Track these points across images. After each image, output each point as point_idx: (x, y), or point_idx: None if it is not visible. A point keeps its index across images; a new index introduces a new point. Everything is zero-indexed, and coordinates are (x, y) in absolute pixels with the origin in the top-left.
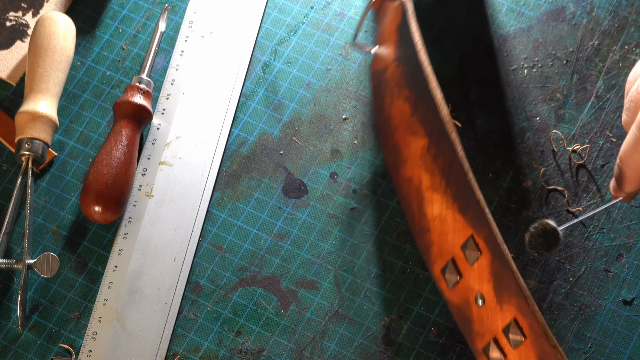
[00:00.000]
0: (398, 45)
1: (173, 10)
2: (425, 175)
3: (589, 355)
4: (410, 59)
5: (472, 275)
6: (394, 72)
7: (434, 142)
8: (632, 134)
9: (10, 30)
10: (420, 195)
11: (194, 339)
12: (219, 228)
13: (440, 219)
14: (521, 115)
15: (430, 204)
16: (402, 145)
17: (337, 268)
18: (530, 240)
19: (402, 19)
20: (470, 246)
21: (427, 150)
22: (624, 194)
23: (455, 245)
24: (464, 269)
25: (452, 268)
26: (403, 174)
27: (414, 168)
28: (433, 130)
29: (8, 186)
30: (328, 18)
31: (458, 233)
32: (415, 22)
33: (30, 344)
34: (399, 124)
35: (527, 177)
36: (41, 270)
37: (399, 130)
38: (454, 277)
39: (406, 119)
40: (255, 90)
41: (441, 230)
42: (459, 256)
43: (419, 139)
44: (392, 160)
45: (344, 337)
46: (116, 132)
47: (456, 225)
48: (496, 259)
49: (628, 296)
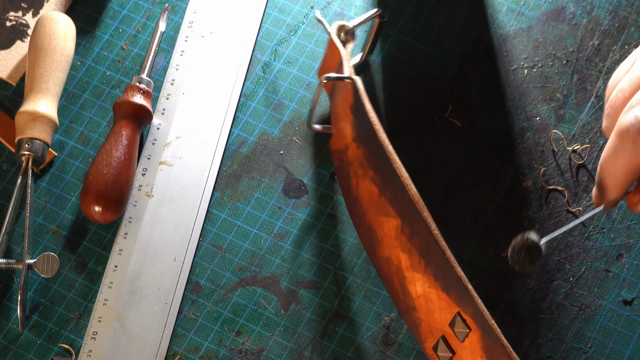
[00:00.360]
0: (355, 125)
1: (173, 10)
2: (403, 255)
3: (589, 355)
4: (370, 139)
5: (465, 352)
6: (356, 153)
7: (406, 222)
8: (612, 141)
9: (10, 30)
10: (401, 275)
11: (194, 339)
12: (219, 228)
13: (424, 297)
14: (521, 115)
15: (413, 283)
16: (375, 226)
17: (337, 268)
18: (512, 255)
19: (354, 99)
20: (459, 324)
21: (402, 230)
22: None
23: (444, 323)
24: (455, 346)
25: (443, 346)
26: (380, 254)
27: (390, 248)
28: (404, 211)
29: (8, 186)
30: (328, 18)
31: (444, 311)
32: (368, 101)
33: (30, 344)
34: (368, 205)
35: (527, 177)
36: (41, 270)
37: (370, 211)
38: (447, 355)
39: (375, 199)
40: (256, 90)
41: (427, 308)
42: (449, 334)
43: (391, 220)
44: (367, 241)
45: (344, 337)
46: (116, 132)
47: (441, 304)
48: (486, 334)
49: (628, 296)
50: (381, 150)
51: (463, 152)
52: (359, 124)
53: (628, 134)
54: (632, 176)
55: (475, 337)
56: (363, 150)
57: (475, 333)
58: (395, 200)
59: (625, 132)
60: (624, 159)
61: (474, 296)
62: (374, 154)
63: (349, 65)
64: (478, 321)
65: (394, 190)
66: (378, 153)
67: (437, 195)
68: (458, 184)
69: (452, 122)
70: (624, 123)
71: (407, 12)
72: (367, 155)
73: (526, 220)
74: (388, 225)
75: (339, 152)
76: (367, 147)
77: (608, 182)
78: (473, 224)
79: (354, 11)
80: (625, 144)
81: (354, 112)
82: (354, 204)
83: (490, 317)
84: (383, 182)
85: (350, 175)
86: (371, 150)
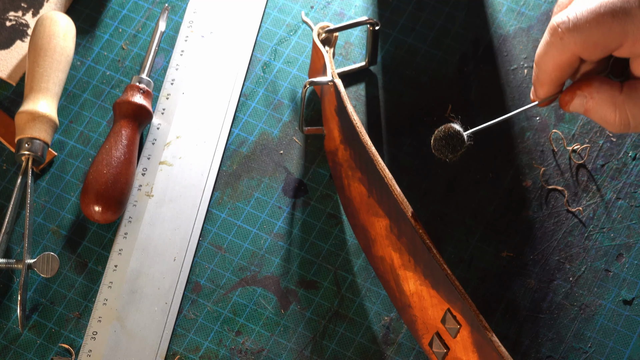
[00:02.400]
0: (341, 127)
1: (173, 10)
2: (395, 254)
3: (589, 355)
4: (355, 141)
5: (458, 347)
6: (344, 154)
7: (394, 222)
8: (544, 38)
9: (10, 30)
10: (395, 273)
11: (194, 339)
12: (219, 228)
13: (417, 295)
14: (521, 115)
15: (406, 281)
16: (368, 226)
17: (337, 268)
18: (435, 144)
19: (337, 101)
20: (449, 320)
21: (391, 229)
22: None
23: (436, 320)
24: (449, 341)
25: (437, 342)
26: (375, 253)
27: (383, 247)
28: (391, 211)
29: (8, 186)
30: (328, 18)
31: (436, 307)
32: (349, 103)
33: (30, 344)
34: (360, 206)
35: (527, 177)
36: (41, 270)
37: (362, 211)
38: (442, 351)
39: (365, 200)
40: (255, 90)
41: (421, 305)
42: (441, 330)
43: (380, 220)
44: (362, 240)
45: (344, 337)
46: (116, 131)
47: (432, 301)
48: (475, 330)
49: (628, 296)
50: (365, 152)
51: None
52: (344, 126)
53: (557, 31)
54: (560, 72)
55: (466, 332)
56: (350, 152)
57: (466, 329)
58: (382, 201)
59: (555, 29)
60: (554, 55)
61: (461, 292)
62: (359, 155)
63: (331, 67)
64: (467, 317)
65: (380, 190)
66: (363, 155)
67: (437, 195)
68: (458, 184)
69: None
70: (555, 21)
71: (407, 12)
72: (353, 157)
73: (526, 220)
74: (379, 225)
75: (332, 153)
76: (352, 148)
77: (540, 77)
78: (473, 224)
79: (354, 11)
80: (554, 40)
81: (338, 115)
82: (348, 204)
83: (479, 313)
84: (370, 183)
85: (342, 176)
86: (356, 152)
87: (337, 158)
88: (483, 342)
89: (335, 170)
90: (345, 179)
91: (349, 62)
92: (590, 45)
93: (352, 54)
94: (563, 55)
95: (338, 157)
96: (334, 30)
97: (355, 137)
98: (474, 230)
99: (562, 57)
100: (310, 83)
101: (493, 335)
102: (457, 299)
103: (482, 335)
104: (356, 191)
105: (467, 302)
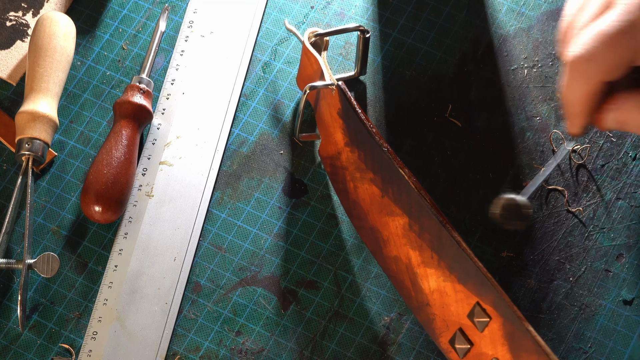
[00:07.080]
0: (346, 131)
1: (173, 10)
2: (413, 252)
3: (589, 355)
4: (366, 142)
5: (484, 342)
6: (350, 157)
7: (414, 219)
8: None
9: (10, 30)
10: (412, 272)
11: (194, 339)
12: (219, 228)
13: (439, 291)
14: (521, 115)
15: (426, 279)
16: (380, 227)
17: (337, 268)
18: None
19: (342, 104)
20: (478, 314)
21: (410, 227)
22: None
23: (461, 315)
24: (473, 336)
25: (461, 338)
26: (387, 254)
27: (398, 247)
28: (411, 208)
29: (8, 186)
30: (328, 18)
31: (461, 302)
32: (358, 106)
33: (31, 344)
34: (369, 207)
35: (527, 177)
36: (41, 270)
37: (372, 213)
38: (465, 346)
39: (377, 201)
40: (256, 90)
41: (442, 302)
42: (466, 325)
43: (397, 219)
44: (371, 242)
45: (344, 337)
46: (116, 132)
47: (458, 296)
48: (508, 321)
49: (628, 296)
50: (380, 152)
51: (463, 152)
52: (351, 129)
53: (577, 65)
54: (591, 101)
55: (496, 325)
56: (358, 153)
57: (496, 321)
58: (400, 199)
59: (574, 63)
60: (581, 88)
61: (494, 284)
62: (371, 156)
63: (328, 72)
64: (499, 309)
65: (398, 189)
66: (376, 155)
67: (437, 195)
68: (458, 184)
69: (452, 122)
70: (571, 55)
71: (407, 12)
72: (363, 159)
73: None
74: (394, 225)
75: (330, 158)
76: (362, 150)
77: (573, 111)
78: (473, 224)
79: (353, 11)
80: (577, 74)
81: (343, 118)
82: (353, 207)
83: (513, 304)
84: (384, 182)
85: (346, 179)
86: (367, 153)
87: (340, 162)
88: (517, 333)
89: (335, 174)
90: (350, 182)
91: (349, 62)
92: (612, 67)
93: (352, 54)
94: (589, 85)
95: (341, 160)
96: (324, 35)
97: (366, 138)
98: (474, 230)
99: (589, 87)
100: (311, 88)
101: (529, 325)
102: (490, 291)
103: (518, 326)
104: (365, 193)
105: (501, 294)
